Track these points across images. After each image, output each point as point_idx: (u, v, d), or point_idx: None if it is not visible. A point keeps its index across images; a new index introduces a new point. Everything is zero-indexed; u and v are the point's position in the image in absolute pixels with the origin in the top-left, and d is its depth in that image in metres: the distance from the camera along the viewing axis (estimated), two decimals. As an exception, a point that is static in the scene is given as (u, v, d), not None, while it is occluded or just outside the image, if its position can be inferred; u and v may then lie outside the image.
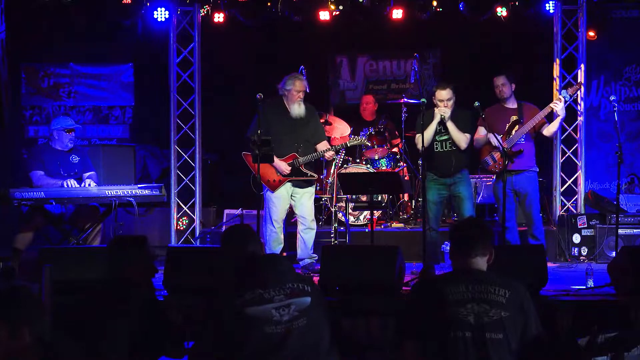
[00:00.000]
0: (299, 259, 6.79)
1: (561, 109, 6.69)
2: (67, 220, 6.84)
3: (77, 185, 6.77)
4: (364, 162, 8.41)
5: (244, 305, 3.20)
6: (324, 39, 9.33)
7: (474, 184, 8.15)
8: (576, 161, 8.09)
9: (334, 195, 7.75)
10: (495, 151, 6.68)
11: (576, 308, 5.04)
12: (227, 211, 8.19)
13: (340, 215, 7.92)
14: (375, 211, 7.86)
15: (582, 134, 8.05)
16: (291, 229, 7.03)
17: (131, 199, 6.55)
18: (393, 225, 8.31)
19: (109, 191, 6.59)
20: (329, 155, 6.86)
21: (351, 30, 9.26)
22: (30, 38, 9.32)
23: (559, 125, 6.95)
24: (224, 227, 8.05)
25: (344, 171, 7.95)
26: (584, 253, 7.61)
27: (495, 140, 6.55)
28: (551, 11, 8.08)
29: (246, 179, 6.76)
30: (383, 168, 8.54)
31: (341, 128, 8.51)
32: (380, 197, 8.31)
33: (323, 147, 6.79)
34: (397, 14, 8.28)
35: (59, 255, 5.55)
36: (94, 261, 5.28)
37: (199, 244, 8.08)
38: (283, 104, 6.72)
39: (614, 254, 6.79)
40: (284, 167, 6.64)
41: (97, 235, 6.79)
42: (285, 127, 6.68)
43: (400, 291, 5.41)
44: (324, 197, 8.11)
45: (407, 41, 9.32)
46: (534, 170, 6.88)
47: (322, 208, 8.23)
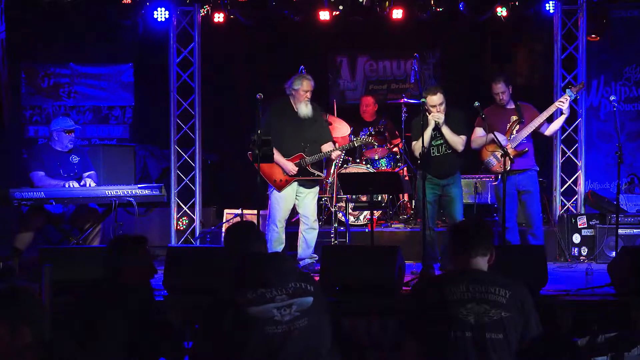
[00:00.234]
0: (300, 258, 6.78)
1: (566, 107, 6.70)
2: (67, 220, 6.84)
3: (78, 185, 6.78)
4: (364, 162, 8.41)
5: (246, 304, 3.17)
6: (324, 39, 9.33)
7: (474, 183, 8.16)
8: (576, 161, 8.09)
9: (334, 195, 7.74)
10: (498, 151, 6.68)
11: (576, 308, 5.05)
12: (227, 211, 8.19)
13: (340, 215, 7.92)
14: (375, 211, 7.86)
15: (582, 134, 8.05)
16: (292, 229, 7.03)
17: (131, 199, 6.55)
18: (393, 225, 8.30)
19: (109, 191, 6.58)
20: (335, 155, 6.85)
21: (351, 30, 9.26)
22: (30, 38, 9.33)
23: (561, 125, 6.94)
24: (224, 227, 8.05)
25: (344, 171, 7.95)
26: (584, 253, 7.61)
27: (501, 139, 6.57)
28: (551, 11, 8.08)
29: (246, 179, 6.76)
30: (383, 168, 8.54)
31: (341, 128, 8.51)
32: (380, 197, 8.31)
33: (328, 148, 6.76)
34: (397, 14, 8.29)
35: (59, 255, 5.55)
36: (94, 261, 5.27)
37: (199, 244, 8.08)
38: (290, 104, 6.70)
39: (614, 254, 6.79)
40: (291, 167, 6.63)
41: (97, 235, 6.78)
42: (292, 127, 6.66)
43: (400, 291, 5.41)
44: (324, 197, 8.10)
45: (407, 41, 9.32)
46: (535, 169, 6.89)
47: (322, 208, 8.21)
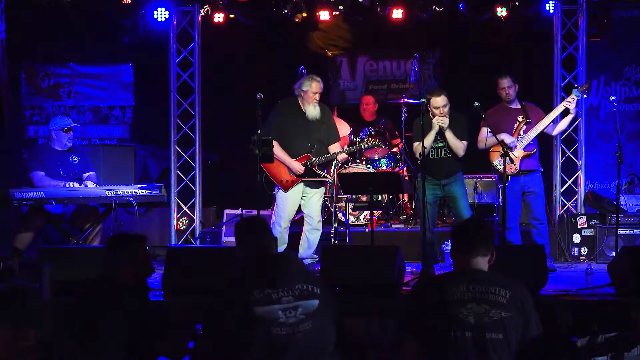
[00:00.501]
0: (300, 258, 6.78)
1: (574, 107, 6.70)
2: (67, 220, 6.84)
3: (78, 186, 6.78)
4: (364, 162, 8.41)
5: (252, 303, 3.16)
6: (324, 39, 9.34)
7: (474, 183, 8.15)
8: (576, 161, 8.09)
9: (334, 195, 7.74)
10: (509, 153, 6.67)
11: (576, 308, 5.05)
12: (227, 211, 8.18)
13: (340, 215, 7.92)
14: (375, 211, 7.86)
15: (582, 134, 8.04)
16: (295, 229, 7.01)
17: (131, 199, 6.55)
18: (393, 225, 8.30)
19: (109, 191, 6.58)
20: (342, 157, 6.83)
21: (351, 30, 9.26)
22: (30, 38, 9.33)
23: (568, 124, 6.93)
24: (224, 227, 8.05)
25: (344, 171, 7.94)
26: (584, 253, 7.61)
27: (509, 140, 6.58)
28: (551, 11, 8.08)
29: (246, 179, 6.76)
30: (383, 168, 8.54)
31: (341, 128, 8.49)
32: (380, 197, 8.31)
33: (336, 149, 6.75)
34: (397, 14, 8.29)
35: (59, 255, 5.55)
36: (94, 261, 5.26)
37: (199, 244, 8.08)
38: (298, 105, 6.68)
39: (614, 254, 6.79)
40: (298, 167, 6.61)
41: (97, 235, 6.78)
42: (300, 127, 6.64)
43: (400, 291, 5.41)
44: (324, 197, 8.09)
45: (407, 41, 9.32)
46: (540, 170, 6.91)
47: (322, 208, 8.20)
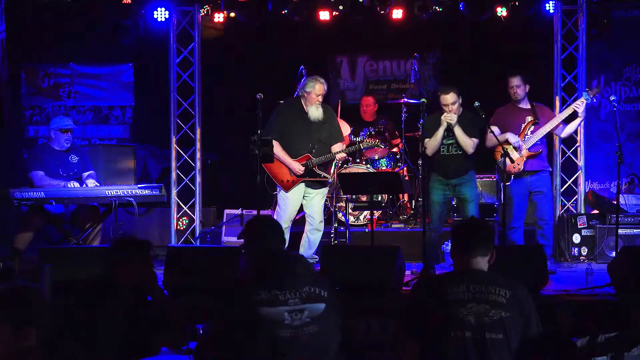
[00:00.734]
0: (303, 259, 6.76)
1: (582, 111, 6.69)
2: (67, 220, 6.84)
3: (78, 185, 6.78)
4: (364, 162, 8.41)
5: (258, 304, 3.14)
6: (324, 39, 9.32)
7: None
8: (576, 161, 8.08)
9: (334, 195, 7.74)
10: (512, 152, 6.68)
11: (576, 308, 5.05)
12: (227, 211, 8.18)
13: (340, 215, 7.92)
14: (375, 211, 7.86)
15: (582, 134, 8.04)
16: (297, 229, 7.01)
17: (131, 199, 6.55)
18: (393, 225, 8.30)
19: (109, 191, 6.58)
20: (340, 157, 6.83)
21: (351, 30, 9.26)
22: (30, 38, 9.33)
23: (577, 127, 6.92)
24: (224, 227, 8.05)
25: (344, 171, 7.94)
26: (584, 253, 7.60)
27: (514, 140, 6.59)
28: (551, 11, 8.08)
29: (246, 179, 6.75)
30: (383, 168, 8.54)
31: (342, 128, 8.48)
32: (380, 197, 8.31)
33: (338, 149, 6.75)
34: (397, 14, 8.28)
35: (59, 255, 5.55)
36: (94, 261, 5.28)
37: (199, 244, 8.08)
38: (301, 105, 6.68)
39: (614, 254, 6.78)
40: (298, 168, 6.61)
41: (97, 235, 6.79)
42: (301, 128, 6.65)
43: (400, 291, 5.41)
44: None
45: (407, 41, 9.32)
46: (548, 170, 6.91)
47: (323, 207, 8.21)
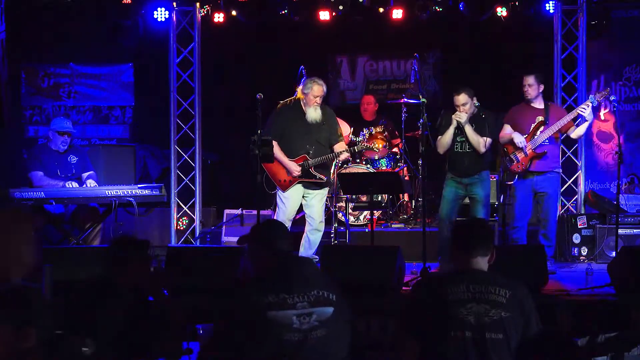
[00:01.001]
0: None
1: (589, 113, 6.67)
2: (67, 220, 6.84)
3: (77, 185, 6.78)
4: (364, 162, 8.41)
5: (266, 308, 3.10)
6: (324, 39, 9.32)
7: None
8: (576, 161, 8.09)
9: (334, 195, 7.74)
10: (518, 151, 6.69)
11: (576, 308, 5.05)
12: (227, 211, 8.18)
13: (340, 215, 7.92)
14: (375, 211, 7.86)
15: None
16: (294, 229, 7.01)
17: (131, 199, 6.55)
18: (393, 225, 8.30)
19: (109, 191, 6.59)
20: (343, 157, 6.80)
21: (351, 30, 9.26)
22: (30, 38, 9.33)
23: (587, 129, 6.92)
24: (224, 227, 8.05)
25: (344, 171, 7.94)
26: (584, 253, 7.60)
27: (519, 140, 6.61)
28: (551, 11, 8.08)
29: (246, 179, 6.75)
30: (383, 168, 8.53)
31: (341, 128, 8.48)
32: (380, 197, 8.31)
33: (341, 148, 6.72)
34: (397, 14, 8.29)
35: (59, 255, 5.55)
36: (94, 261, 5.28)
37: (199, 244, 8.08)
38: (299, 106, 6.67)
39: (614, 254, 6.78)
40: (294, 167, 6.62)
41: (97, 236, 6.79)
42: (299, 128, 6.64)
43: (400, 291, 5.41)
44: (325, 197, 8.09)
45: (407, 41, 9.31)
46: (556, 171, 6.88)
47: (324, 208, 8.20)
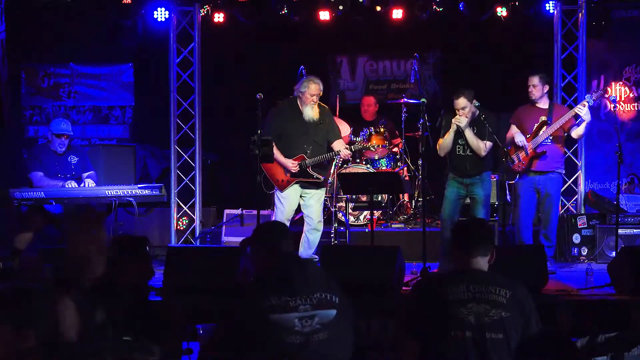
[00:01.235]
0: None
1: (585, 113, 6.66)
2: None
3: (76, 185, 6.78)
4: (364, 162, 8.40)
5: (268, 310, 3.10)
6: (324, 39, 9.32)
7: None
8: (576, 161, 8.09)
9: (334, 195, 7.74)
10: (520, 151, 6.71)
11: (576, 308, 5.05)
12: (227, 211, 8.18)
13: (340, 215, 7.92)
14: (375, 211, 7.86)
15: (582, 134, 8.04)
16: (296, 229, 7.00)
17: (131, 199, 6.55)
18: (393, 225, 8.30)
19: (109, 191, 6.59)
20: (345, 154, 6.77)
21: (351, 30, 9.26)
22: (30, 38, 9.33)
23: (586, 129, 6.93)
24: (224, 227, 8.05)
25: (344, 171, 7.94)
26: (584, 253, 7.60)
27: (520, 139, 6.63)
28: (551, 11, 8.08)
29: (246, 179, 6.74)
30: (383, 168, 8.53)
31: (341, 128, 8.48)
32: (380, 197, 8.31)
33: (340, 146, 6.70)
34: (397, 14, 8.29)
35: (59, 255, 5.54)
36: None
37: (199, 244, 8.08)
38: (297, 105, 6.67)
39: (614, 254, 6.78)
40: (291, 165, 6.61)
41: (97, 235, 6.77)
42: (297, 128, 6.64)
43: (400, 291, 5.41)
44: (324, 197, 8.08)
45: (407, 41, 9.31)
46: (558, 172, 6.87)
47: (322, 208, 8.19)
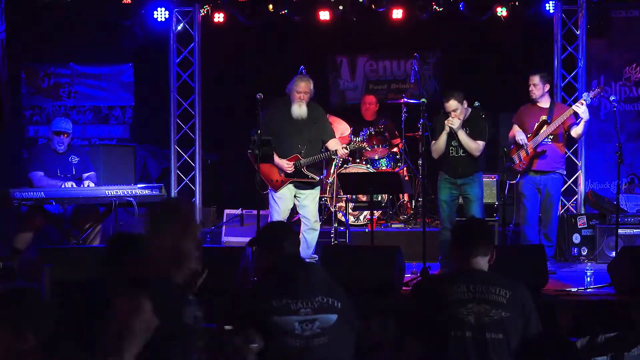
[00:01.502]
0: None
1: (583, 111, 6.67)
2: (67, 220, 6.84)
3: (77, 186, 6.78)
4: (364, 162, 8.40)
5: (269, 313, 3.08)
6: (324, 39, 9.32)
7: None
8: (576, 161, 8.09)
9: (334, 195, 7.74)
10: (521, 150, 6.71)
11: (576, 308, 5.05)
12: (227, 211, 8.18)
13: (340, 215, 7.92)
14: (375, 211, 7.86)
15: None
16: (295, 228, 7.01)
17: (131, 199, 6.55)
18: (393, 225, 8.30)
19: (109, 191, 6.58)
20: (342, 153, 6.75)
21: (351, 30, 9.26)
22: (30, 38, 9.32)
23: (585, 128, 6.93)
24: (224, 227, 8.05)
25: (344, 171, 7.94)
26: (584, 253, 7.60)
27: (521, 138, 6.65)
28: (551, 11, 8.09)
29: (246, 179, 6.74)
30: (383, 168, 8.53)
31: (341, 128, 8.50)
32: (380, 197, 8.30)
33: (336, 146, 6.69)
34: (397, 14, 8.30)
35: (59, 255, 5.55)
36: (94, 261, 5.27)
37: (199, 244, 8.06)
38: (289, 104, 6.68)
39: (614, 254, 6.77)
40: (285, 165, 6.61)
41: (97, 236, 6.79)
42: (289, 127, 6.63)
43: (400, 291, 5.42)
44: (323, 197, 8.09)
45: (407, 41, 9.31)
46: (559, 172, 6.86)
47: (322, 208, 8.20)
